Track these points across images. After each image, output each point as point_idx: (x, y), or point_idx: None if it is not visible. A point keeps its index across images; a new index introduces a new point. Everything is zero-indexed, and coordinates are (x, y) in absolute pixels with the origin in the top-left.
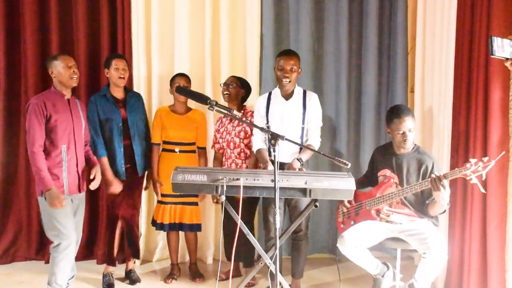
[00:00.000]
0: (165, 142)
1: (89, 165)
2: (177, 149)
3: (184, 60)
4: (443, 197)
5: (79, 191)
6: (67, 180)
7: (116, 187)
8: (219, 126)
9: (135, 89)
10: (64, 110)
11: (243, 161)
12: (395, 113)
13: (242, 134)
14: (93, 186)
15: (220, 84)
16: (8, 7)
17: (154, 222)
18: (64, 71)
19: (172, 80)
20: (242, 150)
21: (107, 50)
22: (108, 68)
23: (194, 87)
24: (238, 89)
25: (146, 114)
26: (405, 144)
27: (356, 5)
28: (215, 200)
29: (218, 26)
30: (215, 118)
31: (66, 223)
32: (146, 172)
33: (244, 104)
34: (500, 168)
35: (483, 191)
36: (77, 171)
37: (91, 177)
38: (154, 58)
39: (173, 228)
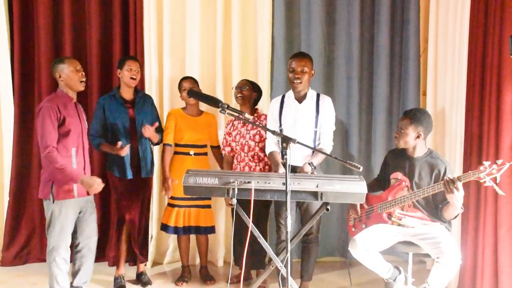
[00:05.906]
0: (178, 145)
1: None
2: (192, 152)
3: (195, 62)
4: (456, 199)
5: (88, 193)
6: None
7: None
8: (230, 129)
9: (147, 90)
10: (73, 114)
11: (257, 164)
12: (405, 112)
13: (257, 137)
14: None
15: (233, 87)
16: (22, 10)
17: (164, 226)
18: (73, 75)
19: (180, 85)
20: (256, 153)
21: (119, 52)
22: (121, 68)
23: (205, 89)
24: (251, 92)
25: (157, 115)
26: (396, 140)
27: (368, 7)
28: (229, 203)
29: (230, 28)
30: (225, 121)
31: (66, 231)
32: (153, 175)
33: (256, 107)
34: (511, 171)
35: (501, 193)
36: (85, 174)
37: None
38: (166, 60)
39: (187, 231)
